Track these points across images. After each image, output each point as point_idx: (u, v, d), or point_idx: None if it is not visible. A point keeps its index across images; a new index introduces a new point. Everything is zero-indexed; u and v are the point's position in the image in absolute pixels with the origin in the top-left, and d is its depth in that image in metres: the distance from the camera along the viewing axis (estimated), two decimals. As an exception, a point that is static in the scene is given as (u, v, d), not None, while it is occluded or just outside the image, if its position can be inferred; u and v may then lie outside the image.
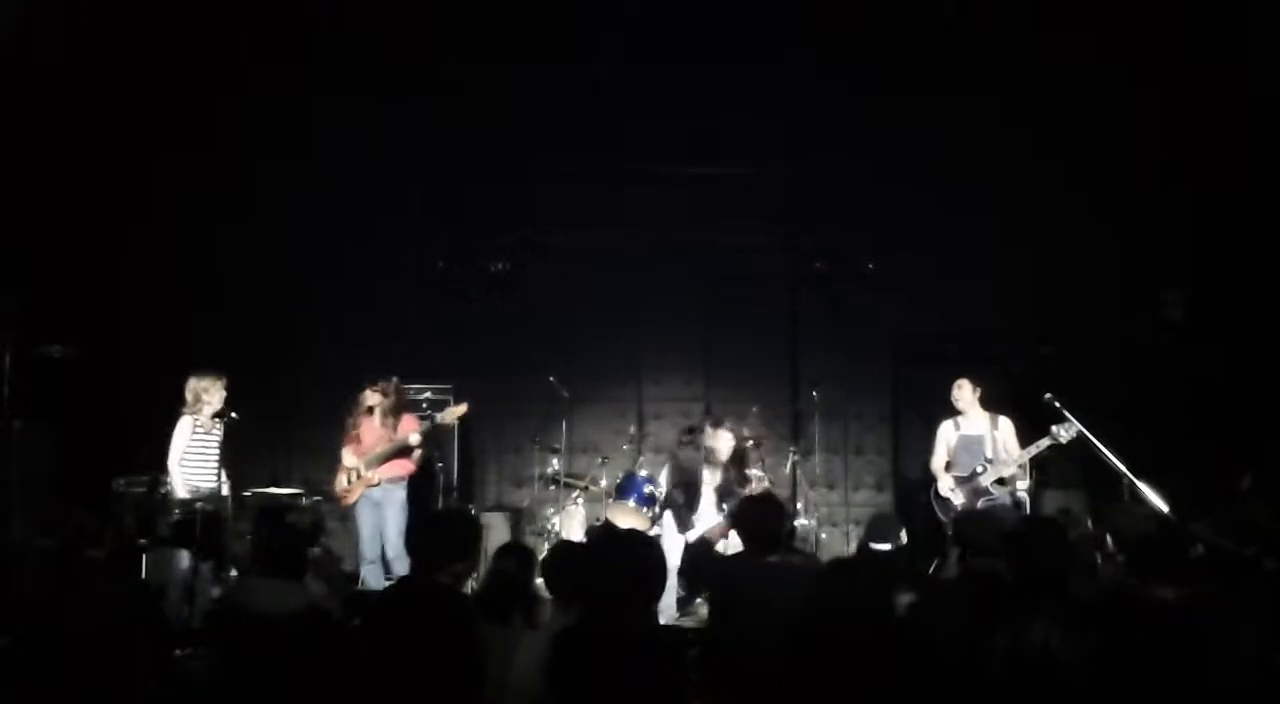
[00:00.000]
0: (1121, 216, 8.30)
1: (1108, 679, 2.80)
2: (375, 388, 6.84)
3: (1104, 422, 6.52)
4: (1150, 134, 8.25)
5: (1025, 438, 6.89)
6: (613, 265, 8.70)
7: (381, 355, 7.63)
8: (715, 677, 3.79)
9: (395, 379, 6.93)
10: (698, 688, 3.80)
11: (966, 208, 8.44)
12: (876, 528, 6.43)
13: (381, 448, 6.77)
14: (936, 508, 6.92)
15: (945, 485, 6.84)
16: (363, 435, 6.89)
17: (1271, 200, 7.75)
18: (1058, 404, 6.58)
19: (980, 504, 6.66)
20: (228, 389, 6.44)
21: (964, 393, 7.00)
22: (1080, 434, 6.43)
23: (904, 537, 6.70)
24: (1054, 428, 6.54)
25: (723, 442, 7.13)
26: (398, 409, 6.88)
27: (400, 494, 6.81)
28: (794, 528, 7.30)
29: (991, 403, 7.13)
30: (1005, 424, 6.93)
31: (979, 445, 6.88)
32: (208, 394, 6.38)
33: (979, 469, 6.80)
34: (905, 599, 4.39)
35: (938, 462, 7.06)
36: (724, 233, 8.64)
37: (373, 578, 6.69)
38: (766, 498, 4.80)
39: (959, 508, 6.69)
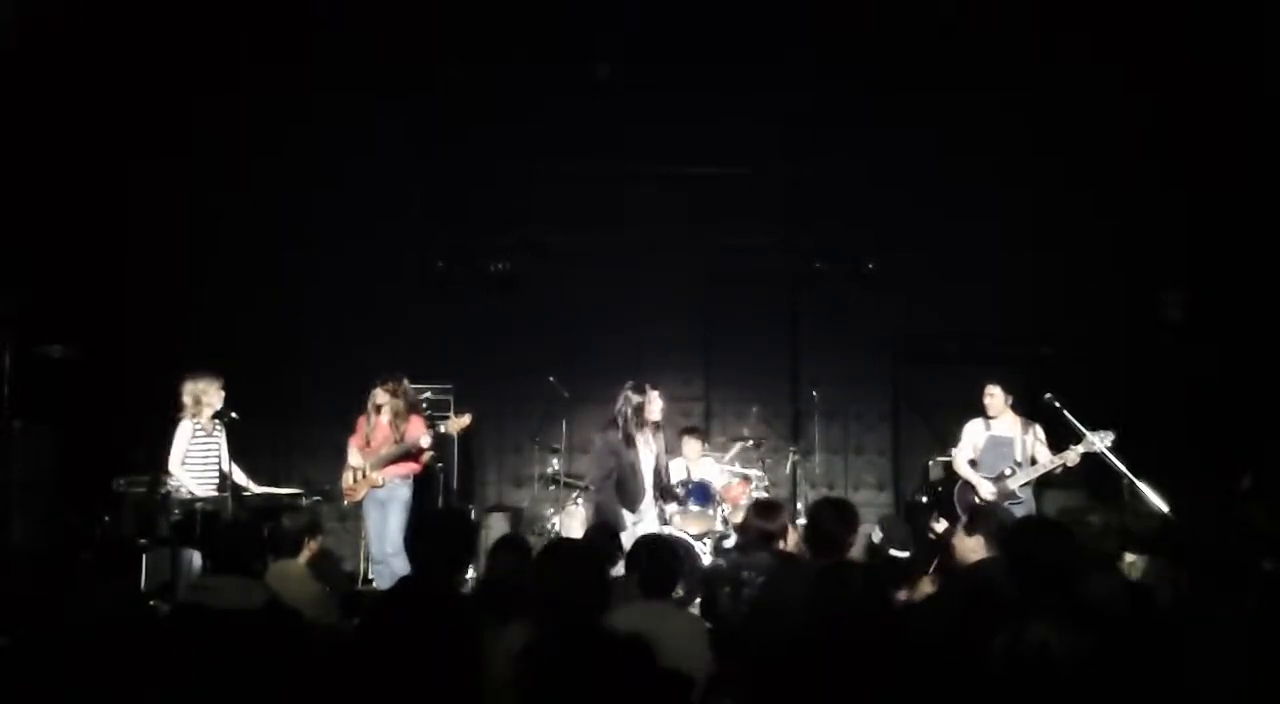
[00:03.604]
0: (1121, 216, 8.29)
1: (1108, 679, 2.80)
2: (385, 387, 6.81)
3: (1104, 422, 6.50)
4: (1150, 134, 8.25)
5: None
6: (613, 265, 8.69)
7: (381, 355, 7.63)
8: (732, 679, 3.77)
9: (404, 379, 6.91)
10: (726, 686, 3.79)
11: (966, 208, 8.45)
12: (891, 533, 6.38)
13: (388, 449, 6.75)
14: (958, 505, 6.83)
15: (986, 491, 6.66)
16: (370, 435, 6.87)
17: (1271, 200, 7.75)
18: (1058, 404, 6.55)
19: (1003, 507, 6.53)
20: (225, 389, 6.43)
21: (996, 401, 6.83)
22: (1111, 445, 6.32)
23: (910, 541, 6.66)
24: (1089, 436, 6.37)
25: (657, 404, 6.54)
26: (406, 410, 6.86)
27: (405, 492, 6.78)
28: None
29: (1017, 405, 7.01)
30: (1037, 430, 6.80)
31: (1009, 448, 6.76)
32: (207, 396, 6.35)
33: (1007, 472, 6.68)
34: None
35: (961, 459, 6.94)
36: (724, 233, 8.64)
37: (383, 578, 6.67)
38: (841, 503, 4.59)
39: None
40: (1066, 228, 8.35)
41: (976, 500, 6.71)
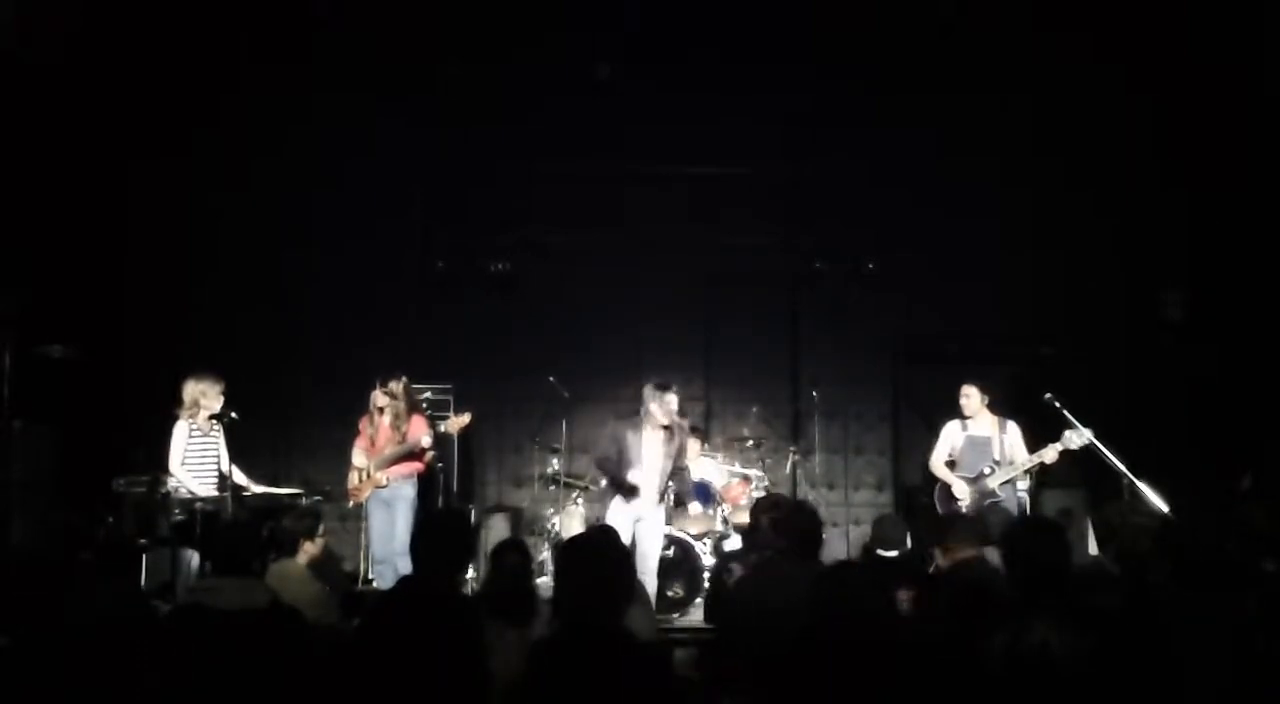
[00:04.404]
0: (1121, 216, 8.31)
1: (1108, 679, 2.80)
2: (385, 389, 6.81)
3: (1104, 422, 6.50)
4: (1150, 134, 8.26)
5: (1027, 440, 6.84)
6: (613, 265, 8.69)
7: (381, 355, 7.63)
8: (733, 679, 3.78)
9: (405, 379, 6.91)
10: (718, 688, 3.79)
11: (966, 208, 8.45)
12: (882, 533, 6.37)
13: (391, 450, 6.75)
14: (939, 507, 6.84)
15: (959, 489, 6.68)
16: (374, 436, 6.87)
17: (1271, 200, 7.75)
18: (1058, 404, 6.54)
19: (986, 505, 6.54)
20: (225, 391, 6.42)
21: (972, 402, 6.83)
22: (1090, 441, 6.32)
23: (909, 541, 6.64)
24: (1067, 433, 6.39)
25: (665, 407, 6.38)
26: (407, 411, 6.86)
27: (410, 491, 6.78)
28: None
29: (995, 404, 7.06)
30: (1013, 428, 6.80)
31: (986, 447, 6.74)
32: (206, 397, 6.34)
33: (986, 470, 6.67)
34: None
35: (938, 460, 6.93)
36: (724, 233, 8.64)
37: (384, 578, 6.66)
38: (802, 505, 4.63)
39: (966, 507, 6.59)
40: (1066, 228, 8.36)
41: (956, 502, 6.68)
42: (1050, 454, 6.50)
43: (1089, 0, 8.02)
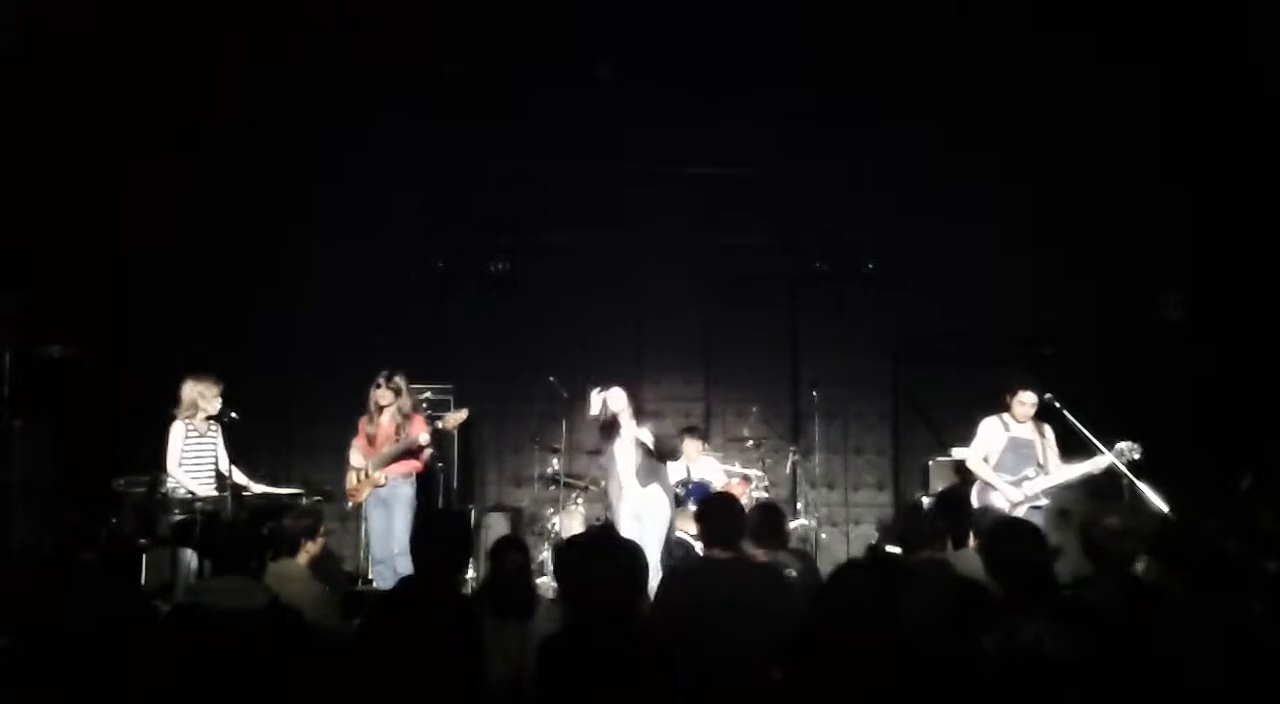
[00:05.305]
0: (1121, 216, 8.31)
1: (1102, 680, 2.80)
2: (390, 386, 6.81)
3: (1104, 422, 6.49)
4: (1150, 134, 8.26)
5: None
6: (613, 265, 8.70)
7: (381, 356, 7.63)
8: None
9: (404, 376, 6.91)
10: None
11: (966, 208, 8.45)
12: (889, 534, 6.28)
13: (389, 448, 6.75)
14: (976, 506, 6.67)
15: (1013, 494, 6.41)
16: (373, 435, 6.87)
17: (1271, 200, 7.75)
18: (1058, 404, 6.51)
19: (1026, 511, 6.31)
20: (225, 392, 6.42)
21: (1029, 409, 6.56)
22: (1140, 455, 6.18)
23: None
24: (1119, 445, 6.21)
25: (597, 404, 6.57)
26: (409, 410, 6.87)
27: (408, 490, 6.77)
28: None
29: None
30: (1050, 433, 6.62)
31: (1030, 450, 6.53)
32: (204, 399, 6.33)
33: (1030, 474, 6.47)
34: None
35: (977, 458, 6.63)
36: (724, 233, 8.64)
37: (384, 578, 6.66)
38: (727, 495, 4.69)
39: (1005, 508, 6.35)
40: (1066, 228, 8.37)
41: (995, 502, 6.44)
42: (1103, 463, 6.30)
43: (1089, 0, 8.02)
